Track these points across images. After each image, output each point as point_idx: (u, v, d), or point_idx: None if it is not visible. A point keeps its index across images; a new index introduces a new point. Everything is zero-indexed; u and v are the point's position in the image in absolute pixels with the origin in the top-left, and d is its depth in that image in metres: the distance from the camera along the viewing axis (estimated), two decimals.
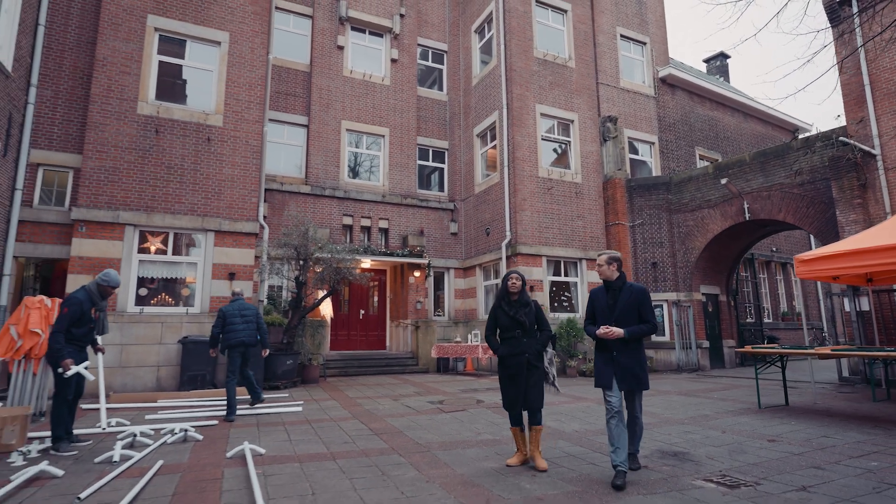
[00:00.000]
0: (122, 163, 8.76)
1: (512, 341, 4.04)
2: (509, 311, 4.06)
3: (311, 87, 13.29)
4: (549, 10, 13.85)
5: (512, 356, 4.01)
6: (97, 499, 3.22)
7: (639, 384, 3.68)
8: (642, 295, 3.77)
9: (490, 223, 13.00)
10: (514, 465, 3.96)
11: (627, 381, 3.65)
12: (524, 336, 4.02)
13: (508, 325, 4.06)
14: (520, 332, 4.03)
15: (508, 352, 4.03)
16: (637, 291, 3.78)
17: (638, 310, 3.72)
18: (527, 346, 3.99)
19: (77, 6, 9.38)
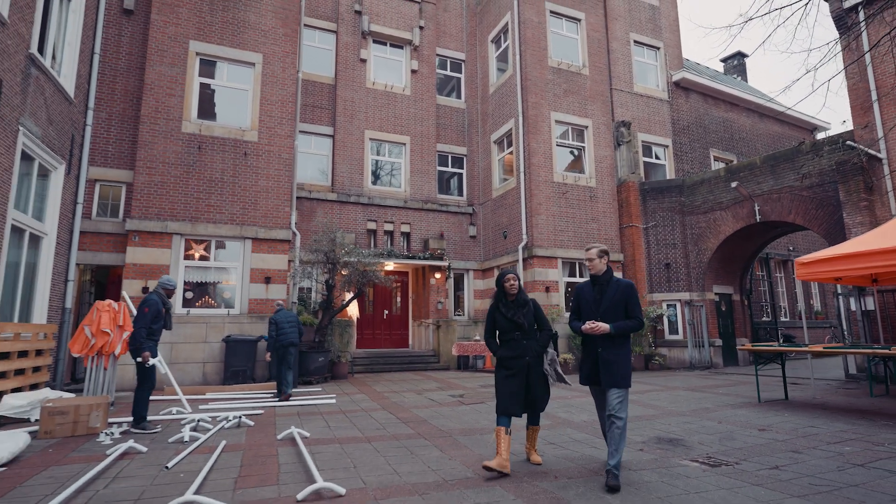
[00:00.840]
0: (169, 177, 9.62)
1: (511, 343, 3.98)
2: (507, 312, 4.01)
3: (337, 98, 14.04)
4: (563, 20, 14.32)
5: (512, 358, 3.94)
6: (181, 468, 3.94)
7: (623, 381, 3.57)
8: (629, 290, 3.71)
9: (507, 226, 13.56)
10: (491, 468, 3.67)
11: (611, 377, 3.58)
12: (524, 338, 3.96)
13: (507, 327, 4.01)
14: (519, 333, 3.97)
15: (508, 354, 3.97)
16: (624, 286, 3.72)
17: (625, 305, 3.66)
18: (527, 349, 3.94)
19: (127, 35, 10.28)
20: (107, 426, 5.39)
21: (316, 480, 3.38)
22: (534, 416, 4.10)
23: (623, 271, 13.41)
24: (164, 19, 10.08)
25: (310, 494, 3.24)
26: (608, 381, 3.59)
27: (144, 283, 9.21)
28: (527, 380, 3.93)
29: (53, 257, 8.38)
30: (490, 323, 4.15)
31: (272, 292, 10.15)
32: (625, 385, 3.57)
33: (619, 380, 3.57)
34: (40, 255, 8.12)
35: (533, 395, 3.94)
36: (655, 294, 13.06)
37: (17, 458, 4.22)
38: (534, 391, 3.95)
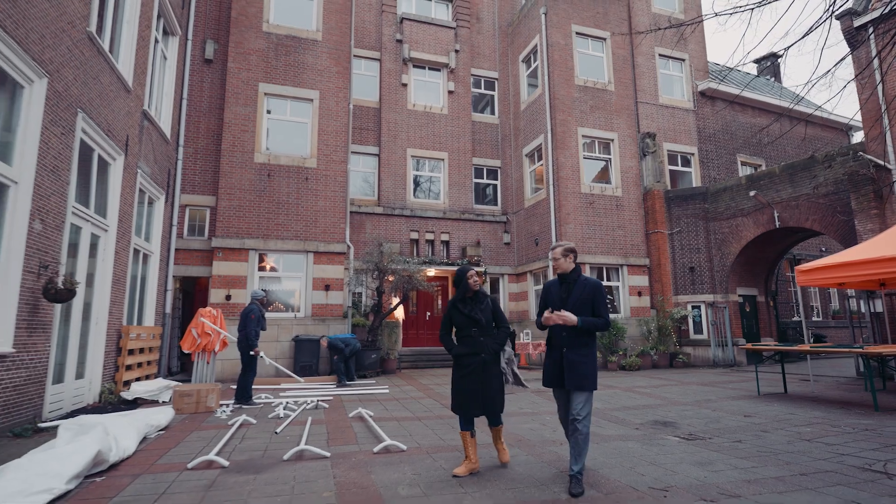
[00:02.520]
0: (245, 201, 11.35)
1: (468, 340, 3.93)
2: (464, 308, 3.96)
3: (381, 120, 15.54)
4: (588, 40, 15.29)
5: (467, 356, 3.89)
6: (285, 433, 5.41)
7: (586, 383, 3.50)
8: (597, 289, 3.66)
9: (538, 234, 14.69)
10: (461, 476, 3.71)
11: (574, 379, 3.51)
12: (480, 334, 3.90)
13: (463, 322, 3.95)
14: (476, 330, 3.91)
15: (464, 351, 3.91)
16: (592, 285, 3.67)
17: (592, 304, 3.61)
18: (483, 346, 3.88)
19: (208, 81, 12.10)
20: (219, 405, 7.00)
21: (384, 440, 4.76)
22: (493, 418, 3.98)
23: (649, 275, 14.28)
24: (238, 66, 11.83)
25: (381, 449, 4.61)
26: (573, 383, 3.51)
27: (227, 291, 10.97)
28: (482, 378, 3.85)
29: (157, 271, 10.22)
30: (447, 319, 4.08)
31: (331, 298, 11.72)
32: (589, 388, 3.51)
33: (583, 382, 3.50)
34: (149, 269, 9.96)
35: (488, 394, 3.85)
36: (680, 296, 13.87)
37: (168, 426, 5.81)
38: (489, 390, 3.85)
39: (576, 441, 3.49)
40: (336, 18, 12.98)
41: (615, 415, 6.49)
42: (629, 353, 12.83)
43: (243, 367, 7.03)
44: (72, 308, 6.70)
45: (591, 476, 3.80)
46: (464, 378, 3.89)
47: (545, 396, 8.15)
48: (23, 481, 3.14)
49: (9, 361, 5.17)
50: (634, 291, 14.01)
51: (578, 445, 3.48)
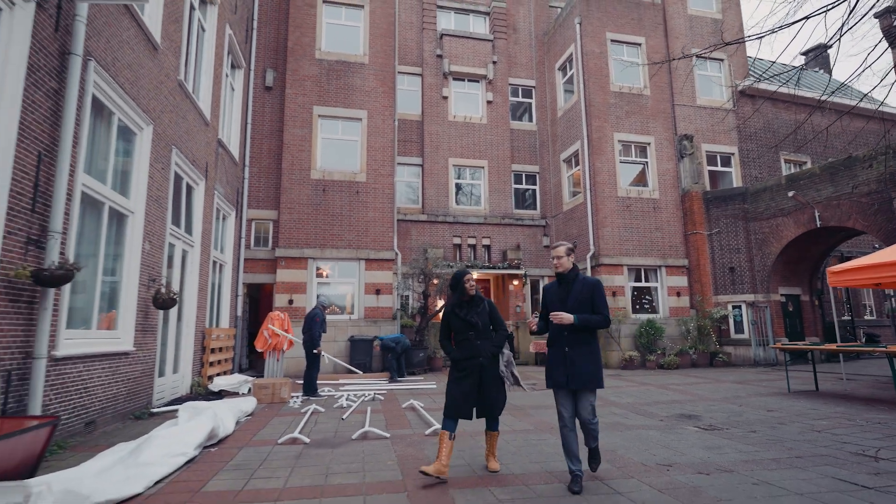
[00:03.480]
0: (303, 214, 12.54)
1: (465, 344, 3.92)
2: (460, 312, 3.97)
3: (424, 132, 16.46)
4: (623, 46, 15.63)
5: (465, 360, 3.88)
6: (350, 420, 6.35)
7: (589, 383, 3.53)
8: (596, 286, 3.67)
9: (577, 237, 15.18)
10: (427, 474, 3.60)
11: (578, 379, 3.53)
12: (477, 338, 3.91)
13: (460, 326, 3.95)
14: (472, 333, 3.91)
15: (461, 355, 3.91)
16: (591, 283, 3.69)
17: (591, 302, 3.62)
18: (481, 349, 3.87)
19: (269, 106, 13.41)
20: (290, 397, 8.08)
21: (434, 425, 5.60)
22: (491, 422, 3.98)
23: (688, 276, 14.50)
24: (294, 91, 13.06)
25: (431, 432, 5.46)
26: (577, 382, 3.53)
27: (290, 296, 12.18)
28: (480, 381, 3.85)
29: (230, 279, 11.53)
30: (445, 323, 4.09)
31: (381, 301, 12.74)
32: (594, 387, 3.55)
33: (587, 381, 3.53)
34: (223, 277, 11.27)
35: (488, 397, 3.86)
36: (720, 296, 14.03)
37: (253, 412, 6.90)
38: (488, 393, 3.86)
39: (589, 431, 3.68)
40: (381, 42, 14.01)
41: (644, 408, 7.07)
42: (668, 352, 13.15)
43: (308, 363, 8.09)
44: (169, 313, 7.94)
45: (608, 455, 4.49)
46: (460, 381, 3.86)
47: None
48: (166, 447, 4.18)
49: (131, 358, 6.37)
50: (673, 292, 14.28)
51: (592, 433, 3.69)
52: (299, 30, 13.51)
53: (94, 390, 5.47)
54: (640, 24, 15.76)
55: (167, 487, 3.65)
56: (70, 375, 5.00)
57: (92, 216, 5.71)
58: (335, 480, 3.80)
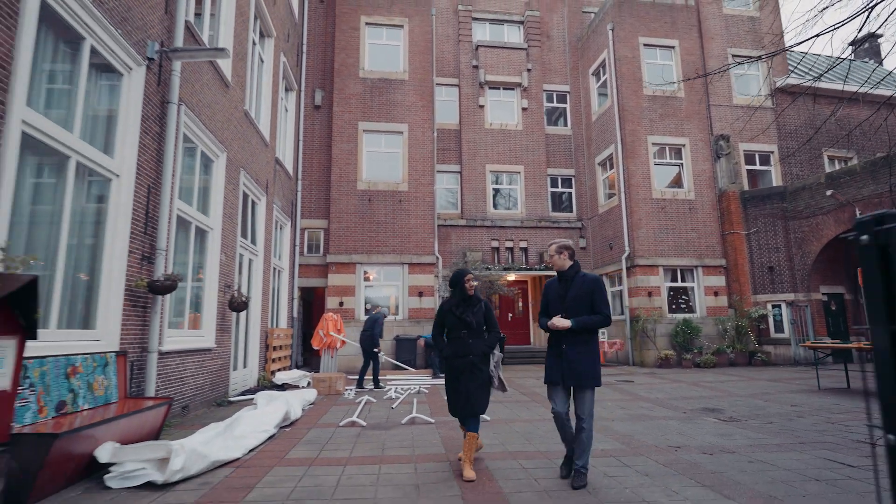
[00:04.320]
0: (350, 223, 13.55)
1: (457, 342, 3.97)
2: (457, 310, 4.00)
3: (462, 141, 17.21)
4: (656, 49, 15.85)
5: (457, 357, 3.93)
6: (399, 409, 7.18)
7: (585, 381, 3.53)
8: (595, 285, 3.65)
9: (612, 239, 15.54)
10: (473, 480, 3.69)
11: (573, 376, 3.55)
12: (470, 337, 3.95)
13: (454, 324, 3.99)
14: (466, 332, 3.95)
15: (453, 353, 3.96)
16: (590, 281, 3.67)
17: (590, 300, 3.61)
18: (472, 348, 3.92)
19: (318, 123, 14.53)
20: (345, 389, 9.02)
21: None
22: (471, 421, 3.93)
23: (726, 275, 14.58)
24: (341, 109, 14.11)
25: None
26: (573, 380, 3.55)
27: (340, 299, 13.21)
28: (469, 379, 3.90)
29: (287, 283, 12.67)
30: (439, 320, 4.15)
31: (424, 303, 13.58)
32: (591, 385, 3.56)
33: (584, 379, 3.54)
34: (281, 282, 12.41)
35: (472, 395, 3.88)
36: (759, 295, 14.06)
37: (314, 402, 7.85)
38: (473, 391, 3.88)
39: (580, 440, 3.56)
40: (419, 59, 14.88)
41: (671, 402, 7.55)
42: (704, 351, 13.35)
43: (364, 359, 9.02)
44: (240, 315, 9.04)
45: (625, 439, 5.10)
46: (456, 380, 3.93)
47: None
48: (253, 424, 5.11)
49: (213, 353, 7.45)
50: (710, 291, 14.41)
51: (583, 443, 3.55)
52: (344, 51, 14.56)
53: (187, 380, 6.53)
54: (674, 26, 15.93)
55: (258, 454, 4.56)
56: (171, 367, 6.06)
57: (182, 234, 6.78)
58: (390, 452, 4.61)
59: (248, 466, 4.17)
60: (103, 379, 4.46)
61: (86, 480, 3.68)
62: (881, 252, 1.13)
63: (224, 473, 3.95)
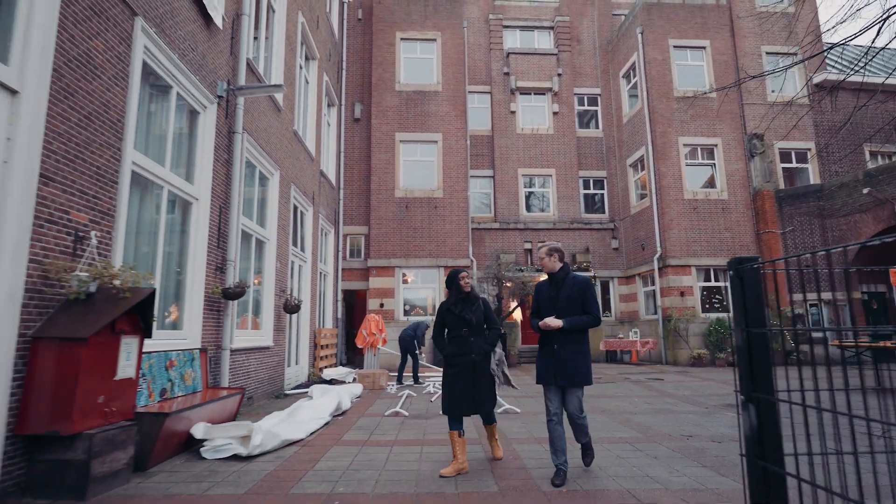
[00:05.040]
0: (389, 229, 14.36)
1: (458, 340, 3.99)
2: (455, 309, 4.03)
3: (494, 146, 17.76)
4: (687, 51, 15.94)
5: (458, 356, 3.96)
6: (437, 403, 7.85)
7: (577, 379, 3.58)
8: (585, 286, 3.71)
9: (644, 240, 15.75)
10: (448, 476, 3.75)
11: (565, 376, 3.59)
12: (471, 335, 3.97)
13: (455, 323, 4.02)
14: (466, 330, 3.97)
15: (454, 351, 3.98)
16: (580, 283, 3.73)
17: (581, 301, 3.66)
18: (474, 346, 3.94)
19: (357, 135, 15.43)
20: (387, 384, 9.78)
21: (504, 406, 6.94)
22: (487, 416, 4.11)
23: None
24: (379, 121, 14.95)
25: (502, 411, 6.80)
26: (564, 379, 3.60)
27: (381, 300, 14.04)
28: (473, 378, 3.93)
29: (331, 286, 13.59)
30: (439, 320, 4.16)
31: None
32: (581, 383, 3.61)
33: (574, 378, 3.59)
34: (327, 285, 13.34)
35: (479, 394, 3.93)
36: (796, 295, 14.00)
37: (360, 396, 8.63)
38: (480, 390, 3.93)
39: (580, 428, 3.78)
40: (452, 70, 15.54)
41: (696, 399, 7.92)
42: None
43: (402, 358, 9.76)
44: (292, 316, 9.94)
45: (642, 429, 5.59)
46: (456, 378, 3.95)
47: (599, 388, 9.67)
48: (311, 413, 5.89)
49: (270, 351, 8.34)
50: None
51: (582, 429, 3.79)
52: (381, 66, 15.39)
53: (251, 374, 7.42)
54: (705, 26, 15.98)
55: (318, 437, 5.33)
56: (239, 362, 6.94)
57: (245, 245, 7.69)
58: (431, 437, 5.28)
59: (311, 446, 4.93)
60: (191, 371, 5.33)
61: (185, 452, 4.53)
62: (741, 281, 1.69)
63: (292, 451, 4.72)
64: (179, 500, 3.33)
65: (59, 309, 3.53)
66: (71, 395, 3.28)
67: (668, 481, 3.69)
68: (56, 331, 3.38)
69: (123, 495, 3.42)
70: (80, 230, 3.82)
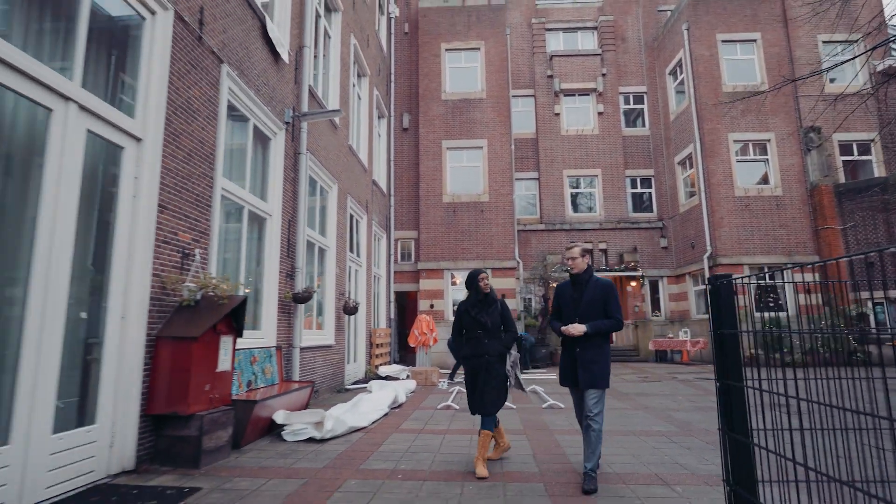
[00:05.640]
0: (437, 233, 15.00)
1: (474, 342, 4.04)
2: (472, 311, 4.07)
3: (539, 149, 18.04)
4: (736, 45, 15.61)
5: (473, 357, 4.01)
6: None
7: (597, 382, 3.58)
8: (608, 289, 3.70)
9: (694, 238, 15.57)
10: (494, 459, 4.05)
11: (587, 379, 3.59)
12: (486, 337, 4.01)
13: (471, 325, 4.07)
14: (481, 332, 4.01)
15: (470, 353, 4.04)
16: (603, 286, 3.71)
17: (604, 304, 3.66)
18: (488, 347, 3.98)
19: (406, 144, 16.18)
20: (438, 381, 10.39)
21: (549, 401, 7.36)
22: (485, 419, 3.98)
23: (821, 272, 14.09)
24: (426, 130, 15.62)
25: (547, 406, 7.23)
26: (585, 381, 3.60)
27: (431, 302, 14.70)
28: (486, 378, 3.97)
29: (385, 288, 14.38)
30: (457, 321, 4.24)
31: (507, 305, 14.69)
32: (602, 386, 3.59)
33: (596, 380, 3.59)
34: (380, 288, 14.14)
35: (487, 394, 3.96)
36: (859, 293, 13.47)
37: (414, 391, 9.28)
38: (489, 391, 3.95)
39: (589, 439, 3.54)
40: (496, 77, 15.99)
41: None
42: (795, 350, 13.10)
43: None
44: (350, 318, 10.74)
45: (681, 424, 5.87)
46: (473, 379, 4.03)
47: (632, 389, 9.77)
48: (371, 405, 6.56)
49: (333, 349, 9.14)
50: (801, 289, 14.01)
51: (592, 443, 3.53)
52: (427, 77, 16.06)
53: (316, 370, 8.22)
54: (755, 18, 15.59)
55: (379, 426, 5.98)
56: (307, 359, 7.74)
57: (309, 253, 8.50)
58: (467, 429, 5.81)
59: (373, 432, 5.59)
60: (270, 366, 6.13)
61: (269, 435, 5.29)
62: (716, 293, 2.11)
63: (358, 436, 5.39)
64: (272, 471, 4.03)
65: (174, 313, 4.33)
66: (186, 383, 4.05)
67: (696, 468, 4.04)
68: (173, 331, 4.18)
69: (227, 466, 4.16)
70: (185, 248, 4.63)
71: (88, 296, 3.79)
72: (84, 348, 3.74)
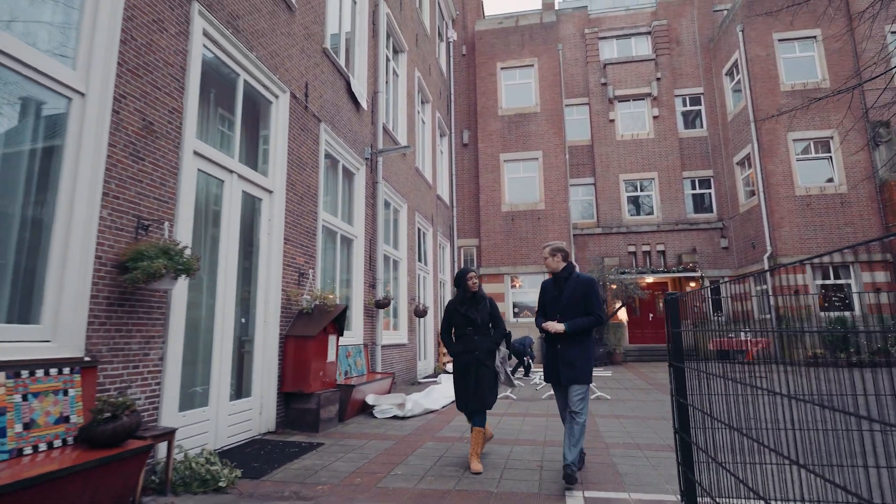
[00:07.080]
0: (497, 240, 16.13)
1: (464, 339, 4.11)
2: (461, 308, 4.15)
3: (594, 155, 18.66)
4: (794, 43, 15.49)
5: (463, 353, 4.08)
6: (541, 390, 9.42)
7: (579, 378, 3.62)
8: (589, 285, 3.74)
9: (754, 238, 15.62)
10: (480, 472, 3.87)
11: (569, 374, 3.64)
12: (475, 333, 4.08)
13: (461, 322, 4.14)
14: (471, 329, 4.08)
15: (459, 349, 4.11)
16: (583, 282, 3.76)
17: (584, 301, 3.70)
18: (478, 344, 4.05)
19: (466, 158, 17.46)
20: None
21: (597, 393, 8.32)
22: (479, 416, 4.05)
23: (892, 270, 13.76)
24: (485, 145, 16.82)
25: (595, 397, 8.18)
26: (567, 377, 3.66)
27: None
28: (476, 375, 4.02)
29: (449, 293, 15.71)
30: (446, 318, 4.31)
31: None
32: (584, 381, 3.64)
33: (578, 376, 3.64)
34: (445, 292, 15.49)
35: (478, 390, 4.01)
36: None
37: None
38: (479, 387, 4.01)
39: (573, 432, 3.57)
40: (549, 91, 16.89)
41: None
42: (862, 349, 12.98)
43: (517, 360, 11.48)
44: (420, 320, 12.14)
45: None
46: (462, 376, 4.09)
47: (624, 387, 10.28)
48: (441, 393, 7.85)
49: (406, 347, 10.56)
50: (870, 288, 13.78)
51: (575, 436, 3.56)
52: (484, 95, 17.26)
53: (394, 364, 9.65)
54: (814, 14, 15.38)
55: (447, 410, 7.25)
56: (386, 355, 9.18)
57: (385, 265, 9.97)
58: (531, 412, 6.93)
59: (444, 413, 6.87)
60: (360, 360, 7.59)
61: (362, 414, 6.71)
62: (669, 304, 3.14)
63: (432, 416, 6.69)
64: (371, 436, 5.41)
65: (296, 318, 5.83)
66: (307, 369, 5.52)
67: None
68: (296, 331, 5.67)
69: (338, 432, 5.59)
70: (301, 269, 6.14)
71: (244, 306, 5.35)
72: (240, 344, 5.29)
